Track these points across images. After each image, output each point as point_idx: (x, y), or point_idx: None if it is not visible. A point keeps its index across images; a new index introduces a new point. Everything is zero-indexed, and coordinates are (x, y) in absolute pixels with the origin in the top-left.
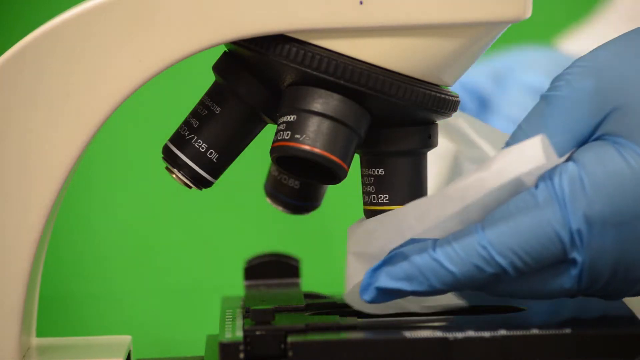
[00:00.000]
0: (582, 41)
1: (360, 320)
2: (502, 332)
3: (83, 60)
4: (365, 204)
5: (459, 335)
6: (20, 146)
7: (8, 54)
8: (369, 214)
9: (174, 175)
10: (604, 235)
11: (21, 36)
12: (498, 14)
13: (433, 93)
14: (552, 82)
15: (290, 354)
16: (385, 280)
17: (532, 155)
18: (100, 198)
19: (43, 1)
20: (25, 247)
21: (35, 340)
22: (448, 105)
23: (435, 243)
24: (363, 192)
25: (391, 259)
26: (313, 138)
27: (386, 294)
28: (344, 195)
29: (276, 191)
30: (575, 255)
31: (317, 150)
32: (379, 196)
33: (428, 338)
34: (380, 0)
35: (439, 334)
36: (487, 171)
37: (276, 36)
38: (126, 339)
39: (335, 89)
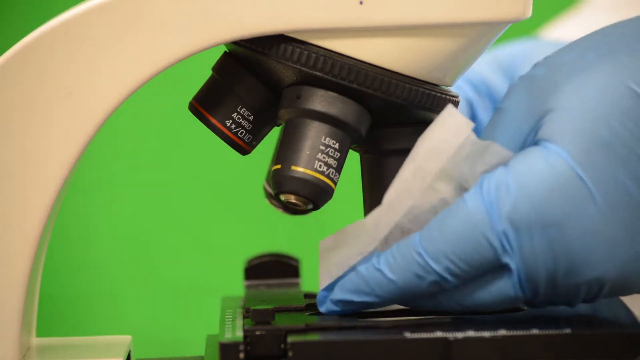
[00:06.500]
0: (565, 30)
1: (360, 320)
2: (502, 332)
3: (83, 60)
4: None
5: (459, 335)
6: (20, 146)
7: (8, 54)
8: None
9: None
10: (532, 239)
11: (21, 36)
12: (498, 14)
13: (433, 92)
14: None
15: (290, 354)
16: (336, 293)
17: (456, 123)
18: (100, 198)
19: (43, 1)
20: (25, 247)
21: (35, 340)
22: (447, 104)
23: (381, 253)
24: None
25: (346, 272)
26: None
27: (339, 306)
28: (344, 195)
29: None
30: (508, 260)
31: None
32: None
33: (428, 338)
34: (380, 0)
35: (439, 334)
36: (419, 159)
37: (276, 36)
38: (126, 339)
39: (335, 89)
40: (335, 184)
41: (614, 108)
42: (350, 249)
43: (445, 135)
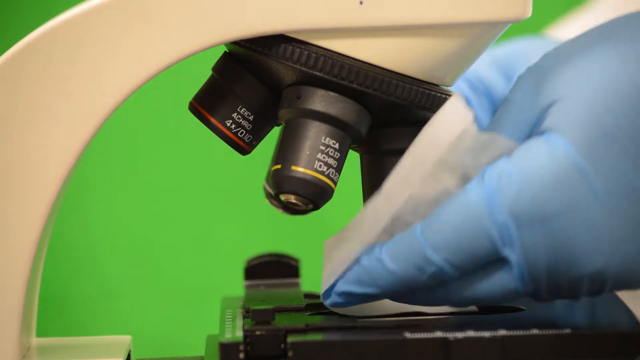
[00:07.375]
0: (571, 29)
1: (360, 320)
2: (502, 332)
3: (83, 60)
4: None
5: (459, 335)
6: (21, 146)
7: (8, 54)
8: None
9: None
10: (533, 232)
11: (21, 36)
12: (498, 14)
13: (433, 92)
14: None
15: (290, 354)
16: (339, 285)
17: (457, 116)
18: (100, 198)
19: (43, 1)
20: (25, 247)
21: (35, 340)
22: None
23: (383, 244)
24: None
25: (350, 265)
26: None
27: (342, 298)
28: (344, 195)
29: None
30: (508, 252)
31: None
32: None
33: (428, 338)
34: (380, 0)
35: (439, 334)
36: (418, 148)
37: (276, 36)
38: (126, 339)
39: (335, 89)
40: (335, 184)
41: (619, 100)
42: (351, 242)
43: (445, 126)
